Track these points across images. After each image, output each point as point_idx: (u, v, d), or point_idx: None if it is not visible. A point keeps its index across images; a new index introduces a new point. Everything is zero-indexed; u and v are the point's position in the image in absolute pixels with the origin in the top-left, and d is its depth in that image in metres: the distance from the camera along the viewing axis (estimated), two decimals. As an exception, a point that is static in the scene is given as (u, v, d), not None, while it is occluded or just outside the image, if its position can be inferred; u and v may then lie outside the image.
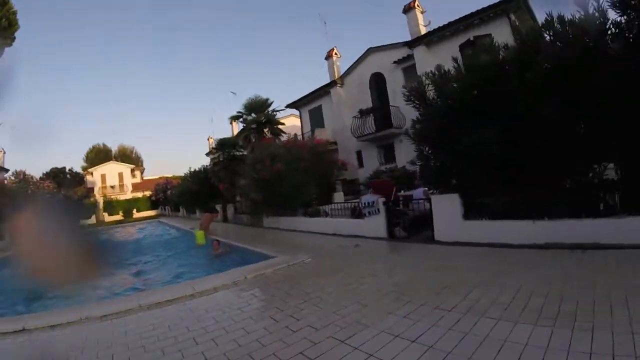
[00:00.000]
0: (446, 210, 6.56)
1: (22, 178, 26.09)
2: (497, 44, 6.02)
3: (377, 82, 17.79)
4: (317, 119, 22.24)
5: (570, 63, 4.75)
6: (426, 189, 8.68)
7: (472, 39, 12.80)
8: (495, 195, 5.88)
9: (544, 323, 2.67)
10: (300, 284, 4.73)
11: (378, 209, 8.01)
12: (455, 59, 6.60)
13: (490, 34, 11.06)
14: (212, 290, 4.83)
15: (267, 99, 18.14)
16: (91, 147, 60.09)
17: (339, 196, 13.37)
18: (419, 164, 7.23)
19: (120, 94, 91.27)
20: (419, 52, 14.96)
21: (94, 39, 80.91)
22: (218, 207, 19.95)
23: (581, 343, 2.29)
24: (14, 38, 14.59)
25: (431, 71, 6.97)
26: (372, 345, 2.62)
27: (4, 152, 36.39)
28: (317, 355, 2.57)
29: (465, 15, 13.19)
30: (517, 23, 12.15)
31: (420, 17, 15.51)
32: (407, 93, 7.16)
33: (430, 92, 6.84)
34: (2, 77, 5.23)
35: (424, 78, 7.02)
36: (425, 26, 15.42)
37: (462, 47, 13.00)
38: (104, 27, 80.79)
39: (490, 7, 12.43)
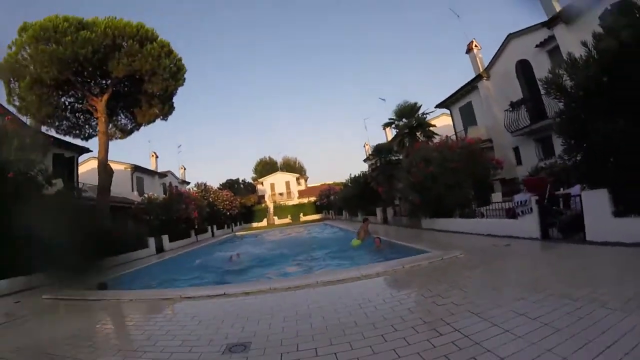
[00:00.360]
0: (595, 207, 6.55)
1: (204, 188, 32.01)
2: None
3: (524, 70, 16.91)
4: (468, 116, 22.07)
5: None
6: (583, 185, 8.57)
7: (609, 7, 11.29)
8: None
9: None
10: (449, 274, 5.81)
11: (531, 208, 8.33)
12: (584, 43, 6.45)
13: None
14: (375, 275, 6.26)
15: (415, 103, 19.09)
16: (259, 160, 70.66)
17: (496, 196, 13.43)
18: (566, 158, 7.32)
19: (279, 108, 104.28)
20: (559, 31, 13.94)
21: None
22: (378, 210, 21.76)
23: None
24: (184, 79, 18.58)
25: (566, 58, 7.06)
26: (497, 318, 3.59)
27: (185, 169, 46.09)
28: (452, 321, 3.69)
29: None
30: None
31: None
32: (545, 86, 7.32)
33: (567, 82, 6.83)
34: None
35: (556, 69, 7.12)
36: (557, 1, 14.19)
37: (601, 18, 11.45)
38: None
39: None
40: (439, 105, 24.15)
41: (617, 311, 3.26)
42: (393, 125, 20.30)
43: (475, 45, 20.56)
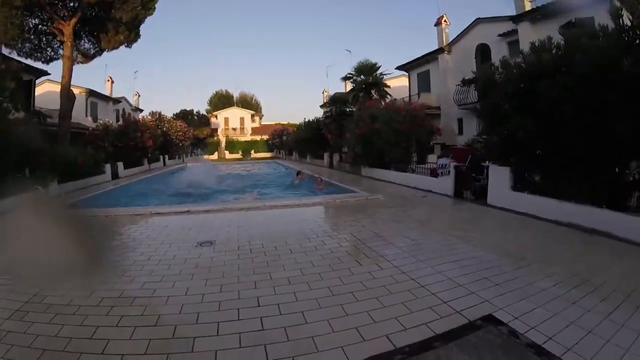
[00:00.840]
0: (499, 180, 8.19)
1: (158, 117, 31.72)
2: (545, 43, 7.24)
3: (483, 53, 18.35)
4: (424, 82, 23.43)
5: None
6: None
7: (573, 20, 12.71)
8: (536, 173, 7.48)
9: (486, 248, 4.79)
10: (368, 209, 7.43)
11: (449, 171, 9.96)
12: (521, 52, 7.89)
13: (593, 17, 11.00)
14: (311, 204, 7.91)
15: (375, 63, 20.13)
16: (215, 92, 68.01)
17: (432, 158, 15.22)
18: (482, 138, 8.85)
19: (242, 42, 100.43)
20: (523, 28, 15.20)
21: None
22: (326, 155, 23.14)
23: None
24: (155, 8, 18.09)
25: (500, 60, 8.41)
26: (390, 238, 5.08)
27: (139, 95, 44.49)
28: (358, 235, 5.17)
29: None
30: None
31: None
32: (475, 76, 8.65)
33: (497, 78, 8.09)
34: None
35: (493, 67, 8.49)
36: (531, 2, 15.52)
37: (562, 28, 13.10)
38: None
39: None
40: (400, 67, 25.27)
41: (476, 247, 4.77)
42: (351, 80, 21.19)
43: (445, 20, 21.54)
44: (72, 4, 16.53)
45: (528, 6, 15.51)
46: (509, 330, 2.58)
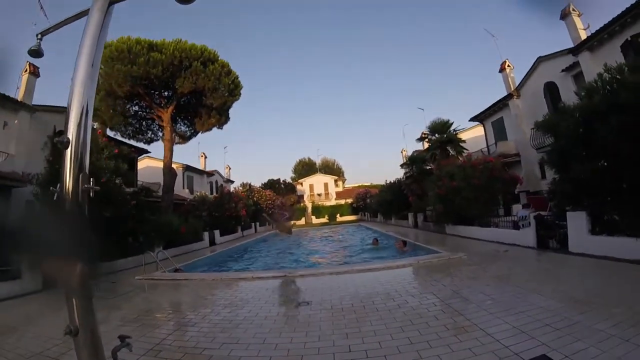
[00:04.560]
0: (577, 225, 8.31)
1: (249, 188, 34.87)
2: (596, 82, 7.63)
3: (551, 91, 18.16)
4: (500, 130, 23.41)
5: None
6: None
7: (629, 38, 12.61)
8: (611, 214, 7.57)
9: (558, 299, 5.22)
10: (449, 268, 7.95)
11: (529, 222, 10.13)
12: (560, 107, 8.52)
13: None
14: (396, 267, 8.54)
15: (447, 121, 21.04)
16: (298, 160, 74.01)
17: (516, 208, 15.07)
18: (551, 187, 9.08)
19: (319, 109, 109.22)
20: (584, 58, 14.96)
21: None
22: (410, 215, 23.62)
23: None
24: (241, 94, 21.48)
25: (559, 105, 8.84)
26: (472, 297, 5.70)
27: (230, 168, 49.12)
28: (442, 296, 5.84)
29: (618, 15, 12.78)
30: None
31: (578, 21, 15.75)
32: (536, 126, 9.11)
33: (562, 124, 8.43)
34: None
35: (551, 115, 8.99)
36: (585, 29, 15.43)
37: (622, 48, 12.92)
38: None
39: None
40: (473, 119, 25.69)
41: (545, 297, 5.22)
42: (427, 140, 22.10)
43: (508, 65, 21.95)
44: (167, 93, 19.99)
45: (583, 35, 15.39)
46: (559, 366, 3.15)
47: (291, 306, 5.90)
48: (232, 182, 47.57)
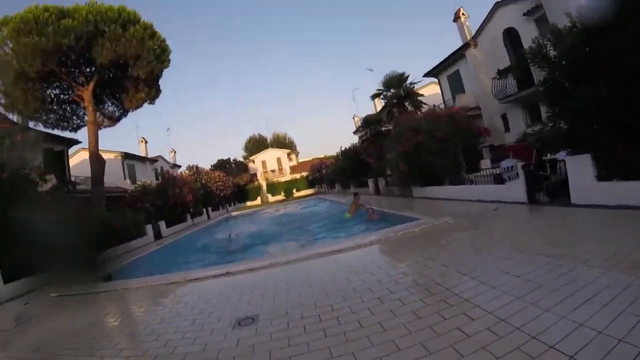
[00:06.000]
0: (580, 172, 6.81)
1: (196, 170, 32.04)
2: None
3: (511, 38, 16.94)
4: (456, 84, 22.10)
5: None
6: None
7: None
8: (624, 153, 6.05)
9: (621, 270, 3.33)
10: (440, 238, 6.14)
11: (517, 174, 8.61)
12: (568, 14, 6.55)
13: None
14: (369, 243, 6.57)
15: (402, 73, 19.09)
16: (248, 138, 69.89)
17: (485, 163, 13.69)
18: (550, 125, 7.52)
19: (267, 84, 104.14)
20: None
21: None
22: (370, 181, 22.01)
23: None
24: (169, 60, 18.31)
25: (549, 29, 7.22)
26: (485, 277, 3.82)
27: (175, 152, 45.73)
28: (442, 282, 3.93)
29: None
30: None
31: None
32: (529, 56, 7.43)
33: (551, 51, 6.96)
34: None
35: (539, 39, 7.28)
36: None
37: None
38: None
39: None
40: (427, 74, 24.17)
41: (596, 268, 3.48)
42: (381, 96, 20.41)
43: (463, 14, 20.50)
44: (88, 70, 16.97)
45: None
46: None
47: (227, 328, 3.76)
48: (179, 166, 44.06)
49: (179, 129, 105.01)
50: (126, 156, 31.52)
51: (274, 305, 4.15)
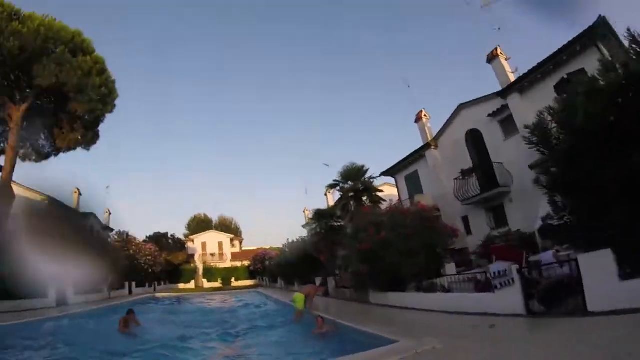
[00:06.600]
0: (597, 271, 5.46)
1: (125, 238, 28.56)
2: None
3: (474, 139, 16.78)
4: (414, 184, 21.45)
5: None
6: (555, 251, 7.93)
7: (565, 76, 11.62)
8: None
9: None
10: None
11: (512, 279, 6.80)
12: (562, 97, 6.35)
13: (583, 68, 10.55)
14: None
15: (362, 166, 18.14)
16: (193, 216, 64.93)
17: (450, 268, 11.86)
18: (556, 219, 6.10)
19: (220, 167, 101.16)
20: (513, 101, 14.11)
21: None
22: (318, 279, 19.43)
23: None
24: (115, 105, 16.82)
25: (550, 106, 6.40)
26: None
27: (110, 213, 40.16)
28: None
29: (552, 54, 12.27)
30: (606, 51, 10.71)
31: (505, 64, 15.07)
32: (528, 134, 6.55)
33: (553, 130, 6.21)
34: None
35: (544, 114, 6.47)
36: (512, 73, 14.71)
37: (557, 88, 11.92)
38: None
39: (575, 39, 11.44)
40: (384, 173, 23.43)
41: None
42: (338, 188, 19.12)
43: (425, 115, 20.69)
44: (27, 89, 14.94)
45: (512, 77, 14.55)
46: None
47: None
48: (111, 230, 38.69)
49: (120, 190, 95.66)
50: (52, 202, 27.02)
51: None
